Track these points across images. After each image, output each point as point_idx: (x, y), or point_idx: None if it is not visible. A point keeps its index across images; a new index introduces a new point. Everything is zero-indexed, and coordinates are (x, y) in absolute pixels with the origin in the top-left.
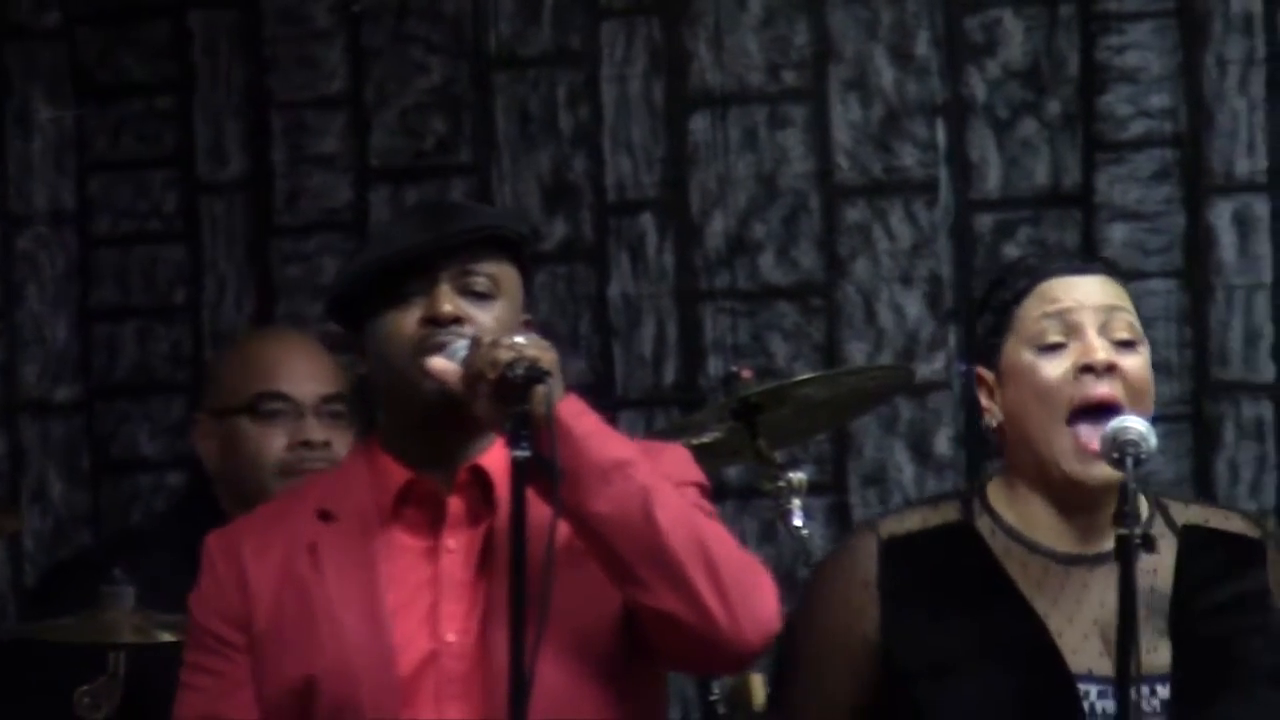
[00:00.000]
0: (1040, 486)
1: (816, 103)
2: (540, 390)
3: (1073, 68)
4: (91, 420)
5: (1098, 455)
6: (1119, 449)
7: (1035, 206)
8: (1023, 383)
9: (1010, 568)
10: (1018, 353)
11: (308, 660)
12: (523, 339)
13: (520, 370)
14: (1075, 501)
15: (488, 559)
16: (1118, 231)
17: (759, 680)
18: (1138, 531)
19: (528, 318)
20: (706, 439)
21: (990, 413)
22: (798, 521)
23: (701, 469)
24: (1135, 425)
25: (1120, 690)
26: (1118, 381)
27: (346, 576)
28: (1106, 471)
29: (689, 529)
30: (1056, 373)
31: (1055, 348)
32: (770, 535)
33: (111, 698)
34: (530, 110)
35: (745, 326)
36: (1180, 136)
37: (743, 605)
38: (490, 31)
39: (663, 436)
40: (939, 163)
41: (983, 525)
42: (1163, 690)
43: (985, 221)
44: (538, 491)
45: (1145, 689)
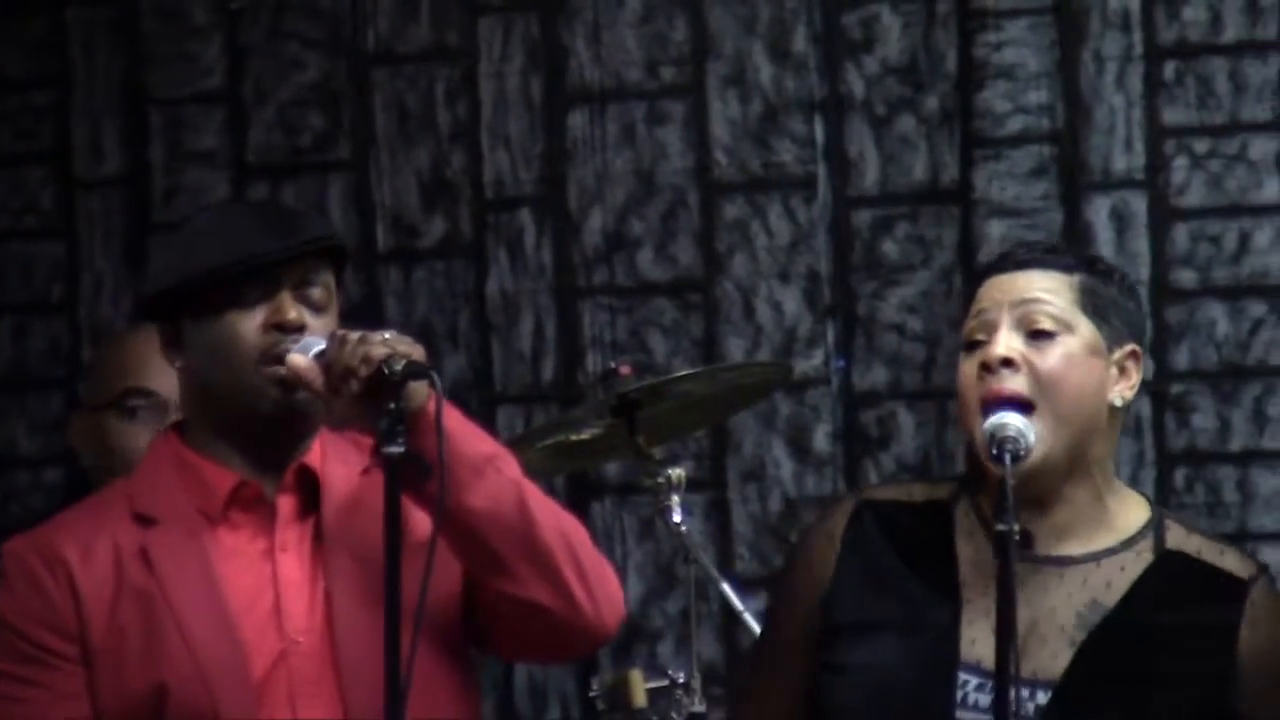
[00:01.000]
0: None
1: (695, 99)
2: (417, 386)
3: (951, 64)
4: None
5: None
6: (997, 446)
7: (913, 203)
8: (958, 380)
9: (964, 550)
10: (961, 352)
11: (156, 669)
12: (390, 334)
13: (399, 366)
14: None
15: (319, 557)
16: (995, 228)
17: (638, 678)
18: (1016, 528)
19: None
20: (585, 435)
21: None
22: (676, 518)
23: (578, 467)
24: (1012, 422)
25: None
26: (1022, 376)
27: (185, 581)
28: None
29: (555, 519)
30: (970, 372)
31: (974, 346)
32: (649, 531)
33: None
34: (408, 107)
35: (624, 323)
36: (1058, 133)
37: (601, 591)
38: (368, 28)
39: (541, 434)
40: (817, 159)
41: (960, 507)
42: (1043, 696)
43: (863, 218)
44: (409, 489)
45: (1025, 691)
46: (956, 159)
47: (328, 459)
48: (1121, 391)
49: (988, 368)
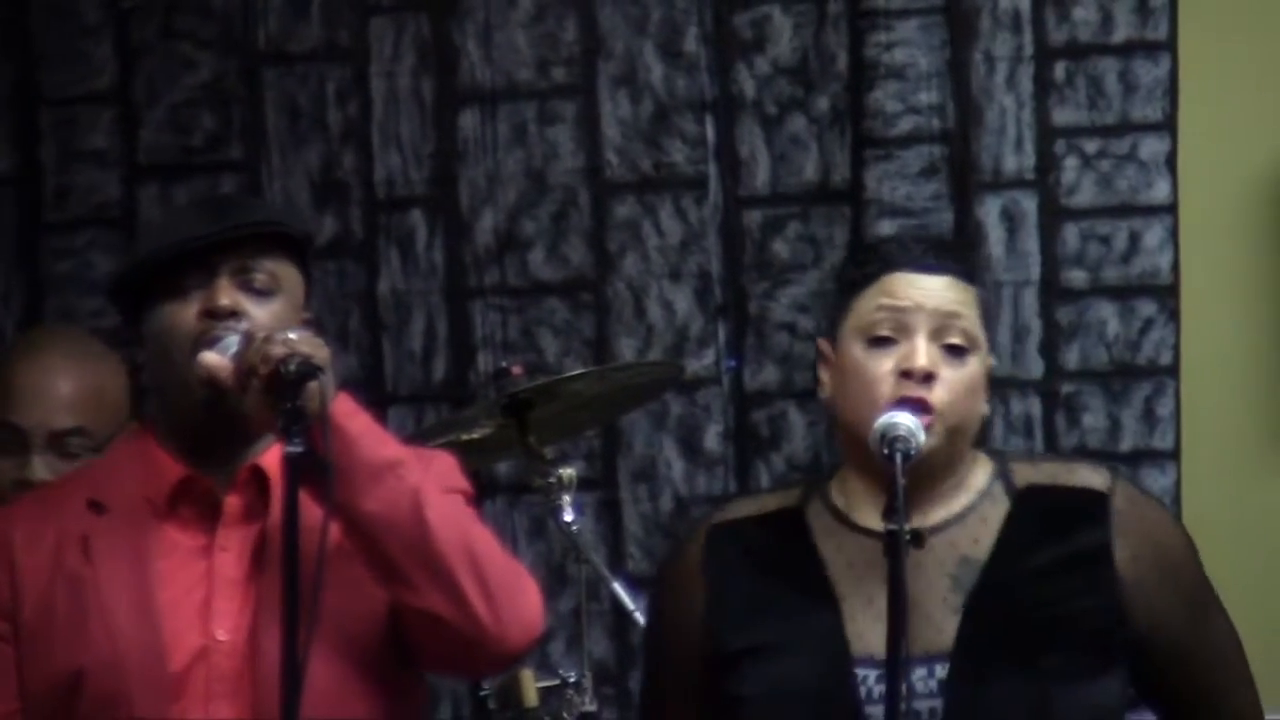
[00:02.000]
0: (860, 467)
1: (586, 99)
2: (313, 386)
3: (841, 64)
4: None
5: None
6: (888, 445)
7: (804, 203)
8: (850, 369)
9: (827, 549)
10: (850, 339)
11: (76, 653)
12: (296, 334)
13: (293, 366)
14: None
15: (261, 558)
16: (886, 227)
17: (529, 677)
18: (907, 528)
19: (308, 316)
20: (476, 435)
21: (823, 385)
22: (568, 517)
23: (470, 467)
24: (904, 421)
25: (890, 681)
26: (937, 389)
27: (118, 570)
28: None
29: (457, 531)
30: (881, 370)
31: (883, 342)
32: (540, 531)
33: None
34: (299, 106)
35: (515, 323)
36: (949, 133)
37: (508, 608)
38: (259, 27)
39: (432, 433)
40: (708, 159)
41: (813, 509)
42: (941, 670)
43: (754, 218)
44: (309, 489)
45: (923, 670)
46: (847, 159)
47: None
48: (986, 398)
49: (910, 375)
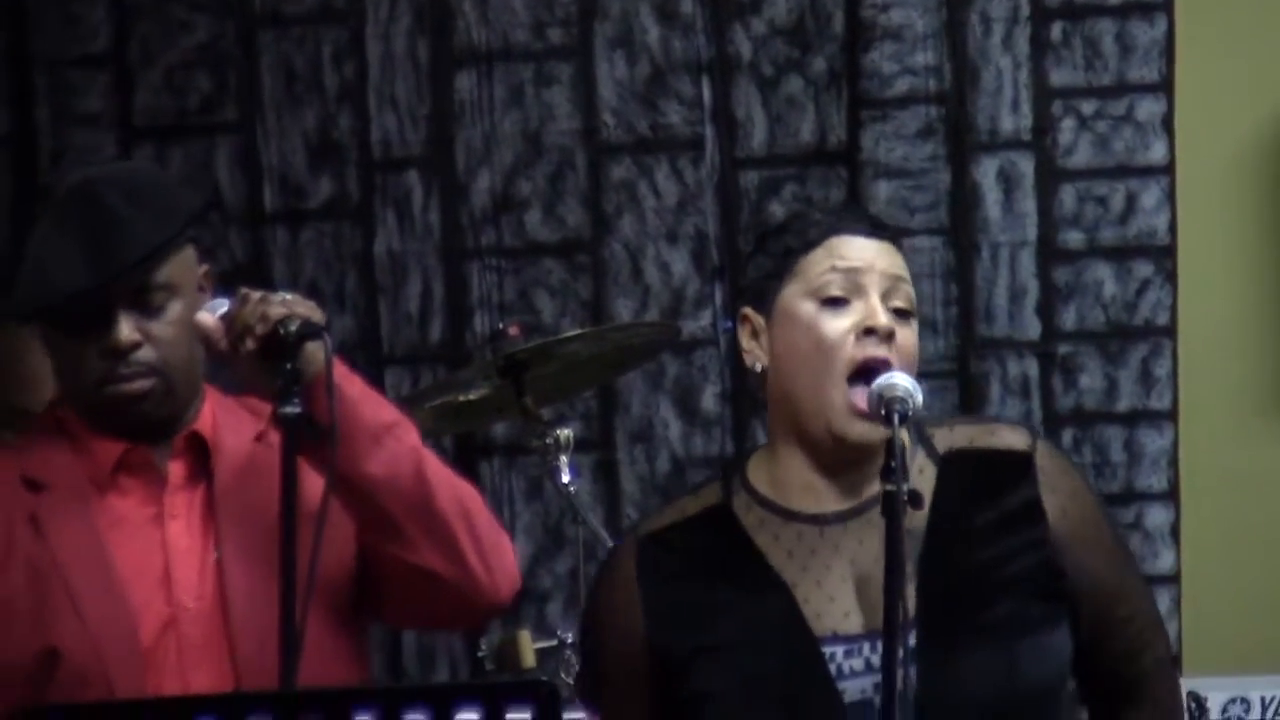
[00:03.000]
0: (798, 439)
1: (582, 60)
2: (312, 347)
3: (838, 25)
4: None
5: (866, 415)
6: (885, 406)
7: (800, 164)
8: (799, 331)
9: (763, 541)
10: (796, 301)
11: (46, 633)
12: (291, 295)
13: (294, 326)
14: (835, 458)
15: (210, 523)
16: (883, 189)
17: (527, 637)
18: (905, 488)
19: (205, 269)
20: (473, 396)
21: (753, 355)
22: (565, 478)
23: (466, 427)
24: (901, 382)
25: (886, 652)
26: (894, 349)
27: (75, 547)
28: (871, 432)
29: (452, 489)
30: (838, 329)
31: (837, 302)
32: (537, 492)
33: None
34: (295, 68)
35: (511, 284)
36: (945, 94)
37: (497, 561)
38: None
39: (429, 394)
40: (705, 120)
41: (739, 503)
42: (911, 638)
43: (751, 179)
44: (304, 450)
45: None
46: (844, 120)
47: (219, 426)
48: None
49: (874, 333)
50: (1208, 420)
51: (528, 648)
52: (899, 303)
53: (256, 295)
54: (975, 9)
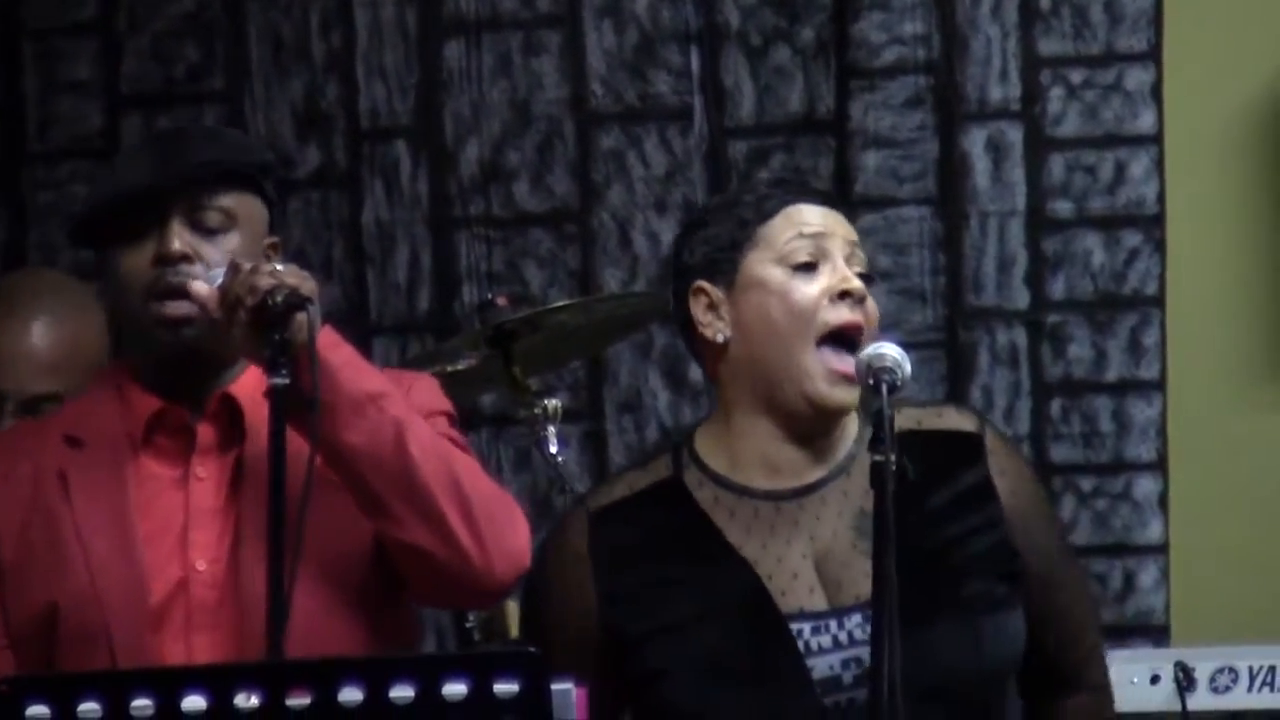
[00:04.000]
0: (766, 409)
1: (570, 29)
2: (300, 318)
3: None
4: None
5: (853, 380)
6: (874, 375)
7: (789, 133)
8: (770, 298)
9: (719, 518)
10: (763, 269)
11: (53, 587)
12: (282, 266)
13: (280, 297)
14: (809, 425)
15: (237, 487)
16: (871, 158)
17: (514, 608)
18: (893, 459)
19: (273, 241)
20: (461, 366)
21: (713, 327)
22: (553, 449)
23: (454, 397)
24: (890, 352)
25: (874, 625)
26: (865, 312)
27: (96, 504)
28: (849, 396)
29: (441, 463)
30: (810, 294)
31: (806, 268)
32: (525, 463)
33: None
34: (283, 37)
35: (500, 253)
36: (933, 64)
37: (494, 539)
38: None
39: (417, 364)
40: (693, 90)
41: (690, 478)
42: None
43: (739, 148)
44: (292, 420)
45: (859, 617)
46: (832, 90)
47: (258, 392)
48: None
49: (848, 296)
50: (1196, 390)
51: (514, 618)
52: (859, 267)
53: (248, 266)
54: None
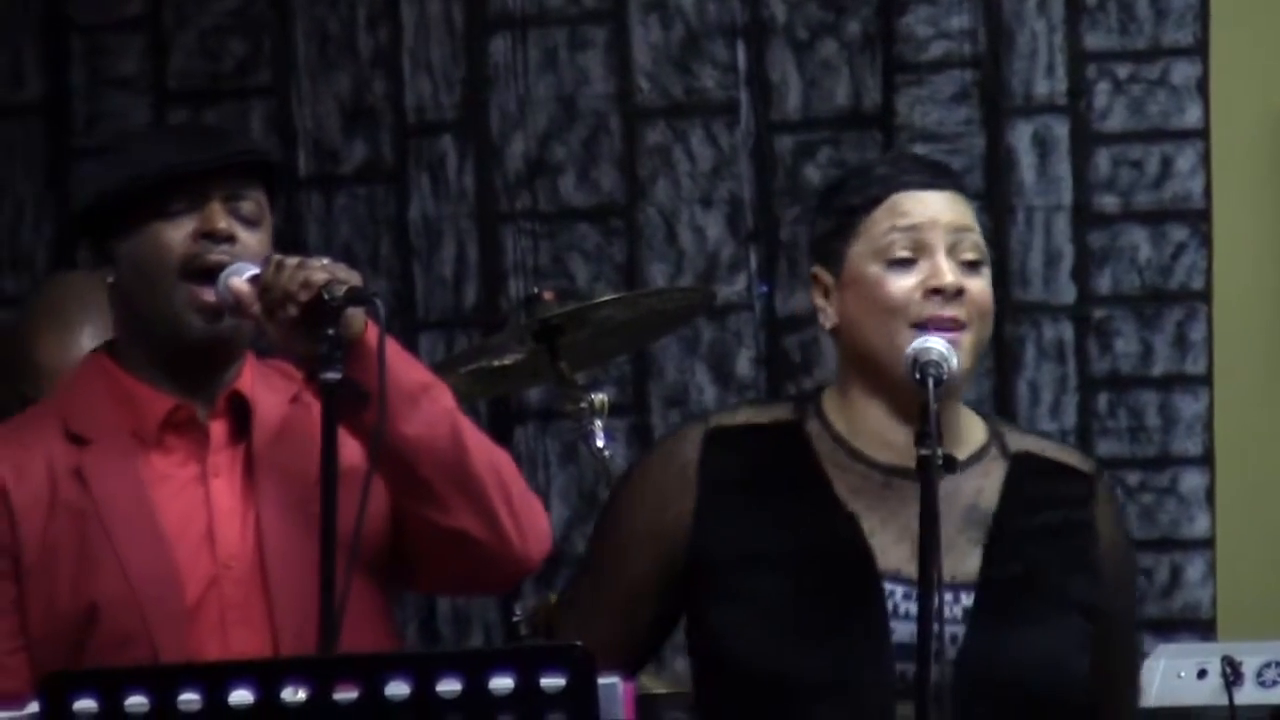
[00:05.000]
0: (876, 393)
1: (616, 24)
2: (355, 312)
3: None
4: None
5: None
6: (920, 369)
7: (835, 128)
8: (866, 293)
9: (831, 471)
10: (863, 263)
11: (88, 588)
12: (329, 261)
13: (339, 292)
14: (912, 410)
15: (250, 483)
16: (918, 153)
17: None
18: (939, 452)
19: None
20: (507, 361)
21: (824, 314)
22: (600, 443)
23: (500, 392)
24: (936, 346)
25: (921, 599)
26: (963, 305)
27: (120, 502)
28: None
29: (487, 450)
30: (903, 289)
31: (903, 263)
32: (572, 457)
33: None
34: (329, 32)
35: (546, 248)
36: (980, 58)
37: (529, 522)
38: None
39: (463, 359)
40: (739, 84)
41: (812, 428)
42: (967, 598)
43: (786, 143)
44: (344, 415)
45: (949, 595)
46: (879, 84)
47: (257, 386)
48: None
49: (939, 293)
50: (1243, 384)
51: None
52: (967, 254)
53: (293, 260)
54: None
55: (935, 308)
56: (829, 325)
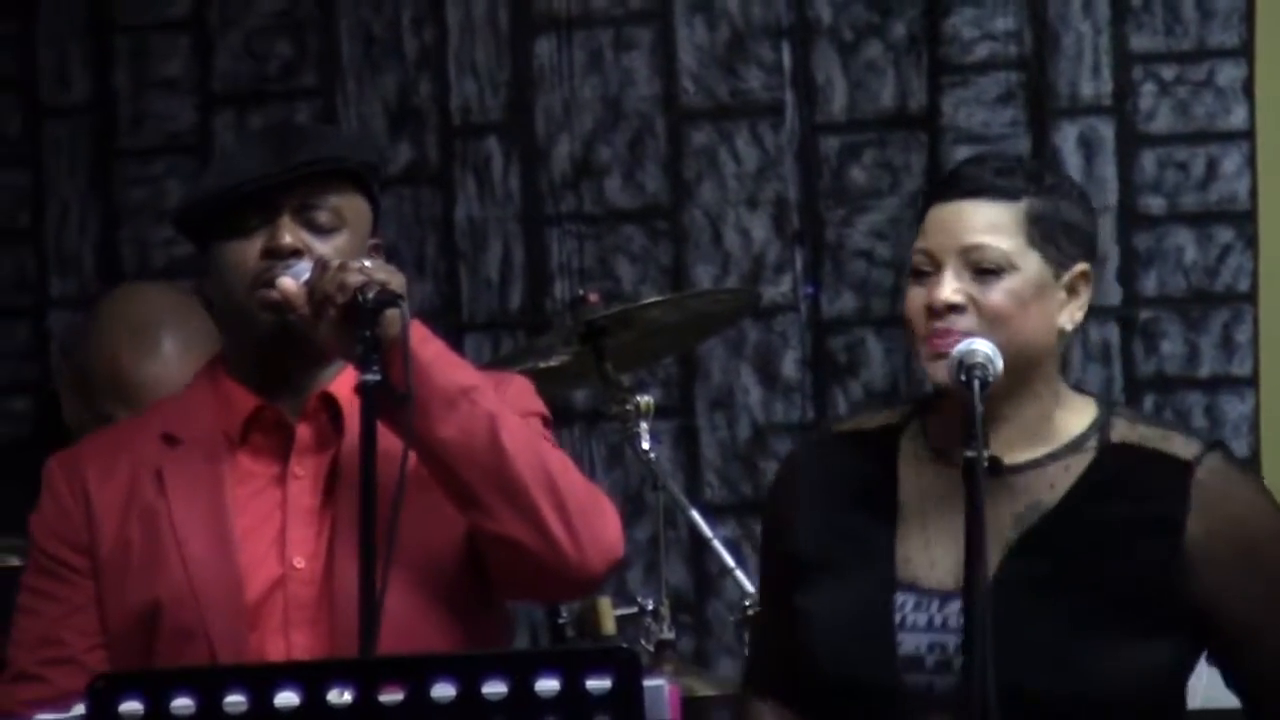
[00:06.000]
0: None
1: (662, 25)
2: (391, 314)
3: None
4: None
5: (946, 383)
6: (965, 372)
7: (881, 129)
8: (906, 304)
9: (906, 474)
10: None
11: (152, 585)
12: (370, 263)
13: (372, 294)
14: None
15: (334, 485)
16: (963, 154)
17: (607, 604)
18: (985, 454)
19: (376, 242)
20: (553, 363)
21: None
22: (645, 445)
23: (546, 395)
24: (981, 348)
25: (967, 608)
26: (969, 315)
27: (194, 502)
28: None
29: (534, 455)
30: (914, 306)
31: (921, 277)
32: (618, 458)
33: None
34: (375, 33)
35: (591, 250)
36: (1025, 59)
37: (587, 531)
38: None
39: (509, 360)
40: (784, 85)
41: (909, 432)
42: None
43: (831, 144)
44: (384, 417)
45: (957, 603)
46: (924, 85)
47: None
48: (1071, 314)
49: (934, 312)
50: None
51: (608, 614)
52: (984, 264)
53: (336, 263)
54: None
55: (931, 328)
56: None
